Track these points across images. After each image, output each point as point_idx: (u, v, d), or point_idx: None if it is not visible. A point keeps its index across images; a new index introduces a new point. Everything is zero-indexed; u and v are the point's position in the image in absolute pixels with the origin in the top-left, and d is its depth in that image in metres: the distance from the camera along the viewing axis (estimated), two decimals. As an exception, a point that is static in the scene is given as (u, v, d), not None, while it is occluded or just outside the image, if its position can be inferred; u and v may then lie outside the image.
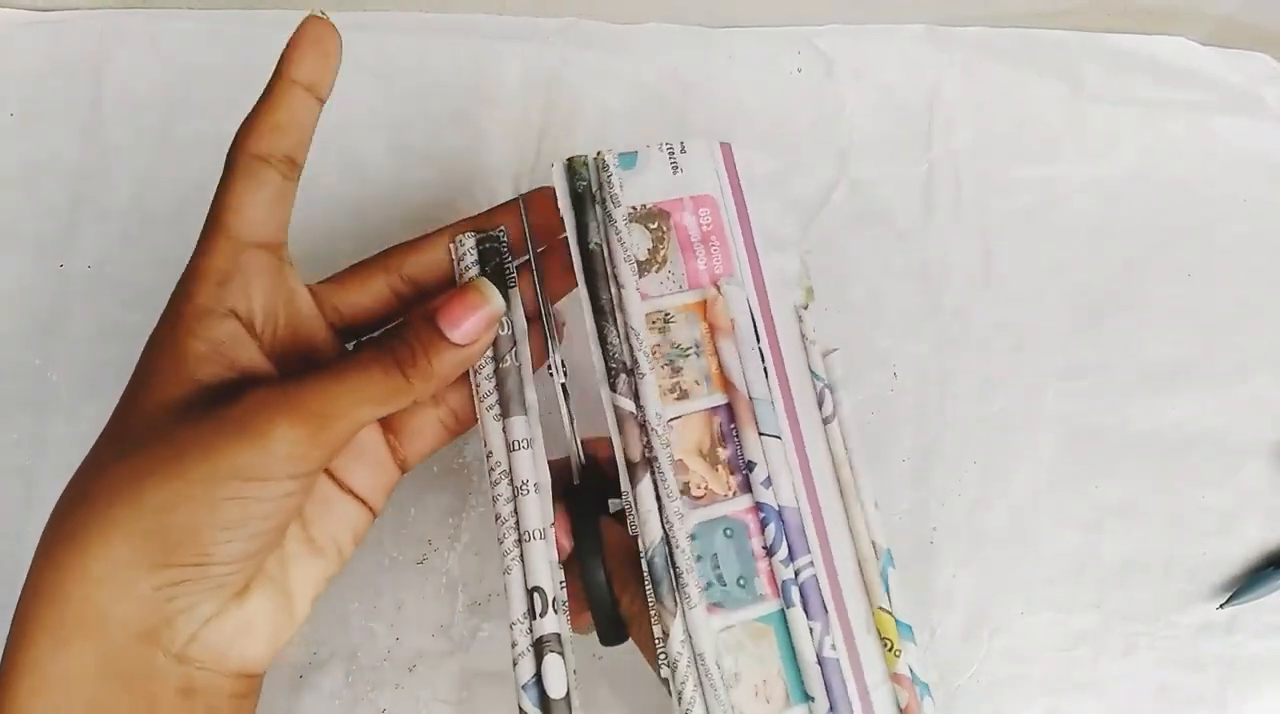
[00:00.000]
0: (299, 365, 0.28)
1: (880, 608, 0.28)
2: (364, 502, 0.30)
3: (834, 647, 0.26)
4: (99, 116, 0.44)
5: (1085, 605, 0.41)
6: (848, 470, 0.30)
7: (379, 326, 0.31)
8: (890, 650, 0.28)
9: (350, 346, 0.31)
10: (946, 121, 0.44)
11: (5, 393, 0.43)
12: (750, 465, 0.27)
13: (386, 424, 0.31)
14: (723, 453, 0.27)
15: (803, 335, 0.31)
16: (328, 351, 0.29)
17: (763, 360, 0.28)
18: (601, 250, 0.28)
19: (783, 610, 0.27)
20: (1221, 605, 0.40)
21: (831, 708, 0.26)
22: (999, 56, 0.44)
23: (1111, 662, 0.40)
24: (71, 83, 0.44)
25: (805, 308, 0.31)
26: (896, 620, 0.28)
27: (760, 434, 0.27)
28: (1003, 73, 0.44)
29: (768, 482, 0.27)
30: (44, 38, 0.45)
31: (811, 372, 0.30)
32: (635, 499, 0.26)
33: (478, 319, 0.26)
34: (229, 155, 0.27)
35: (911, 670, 0.28)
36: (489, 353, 0.29)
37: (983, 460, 0.42)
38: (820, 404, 0.30)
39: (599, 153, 0.29)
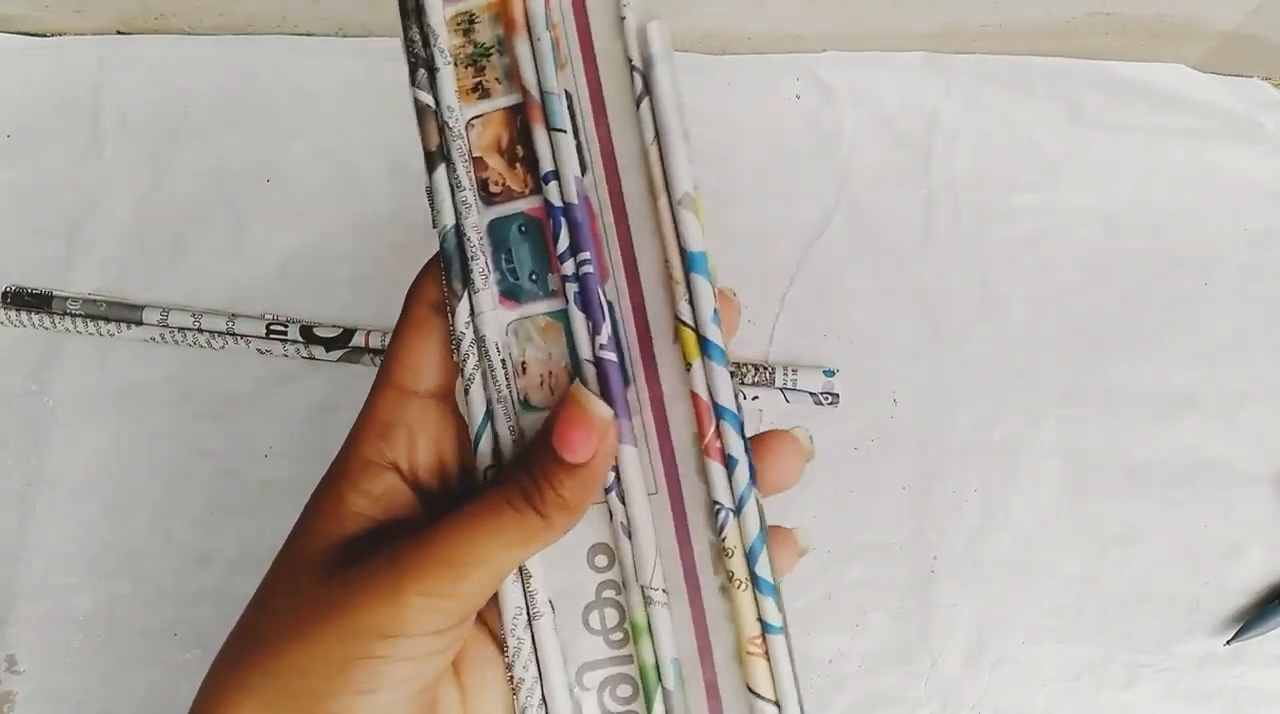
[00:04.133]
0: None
1: (680, 320, 0.26)
2: None
3: (620, 350, 0.26)
4: (97, 141, 0.44)
5: (1088, 636, 0.40)
6: (656, 159, 0.26)
7: None
8: (688, 370, 0.26)
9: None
10: (945, 148, 0.44)
11: (2, 418, 0.42)
12: (537, 162, 0.26)
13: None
14: (523, 151, 0.27)
15: (620, 13, 0.27)
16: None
17: (555, 51, 0.26)
18: None
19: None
20: (1228, 642, 0.39)
21: (615, 416, 0.25)
22: (997, 84, 0.44)
23: (1114, 693, 0.40)
24: (70, 107, 0.44)
25: None
26: (703, 339, 0.25)
27: (549, 129, 0.26)
28: (1001, 100, 0.44)
29: (551, 177, 0.26)
30: (42, 62, 0.45)
31: (627, 55, 0.26)
32: (432, 186, 0.27)
33: (586, 435, 0.24)
34: (405, 302, 0.26)
35: (711, 394, 0.25)
36: None
37: (983, 488, 0.41)
38: (634, 87, 0.26)
39: None
